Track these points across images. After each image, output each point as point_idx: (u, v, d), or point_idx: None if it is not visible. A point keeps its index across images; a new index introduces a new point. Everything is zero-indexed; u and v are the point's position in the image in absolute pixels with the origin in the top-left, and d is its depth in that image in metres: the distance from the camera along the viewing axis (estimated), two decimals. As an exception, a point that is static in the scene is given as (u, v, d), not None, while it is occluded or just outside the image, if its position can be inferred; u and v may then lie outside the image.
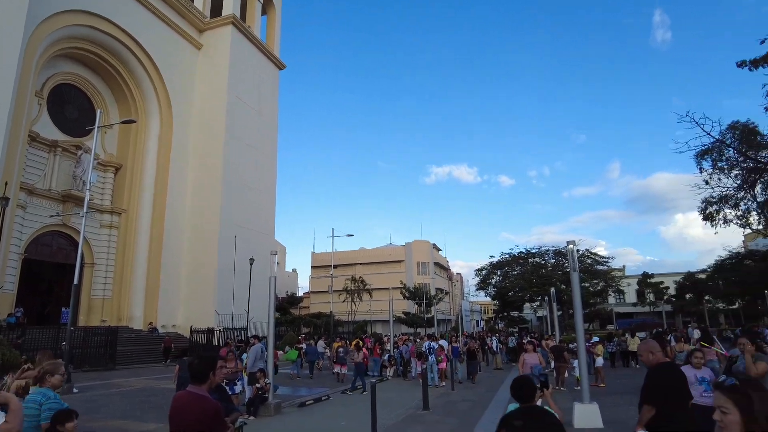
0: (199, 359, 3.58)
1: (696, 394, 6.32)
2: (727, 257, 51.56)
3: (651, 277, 63.61)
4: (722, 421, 1.89)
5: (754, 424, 1.81)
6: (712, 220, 27.33)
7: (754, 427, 1.81)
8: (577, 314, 10.71)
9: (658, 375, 4.59)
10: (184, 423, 3.34)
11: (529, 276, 52.32)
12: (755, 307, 48.59)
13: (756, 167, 22.96)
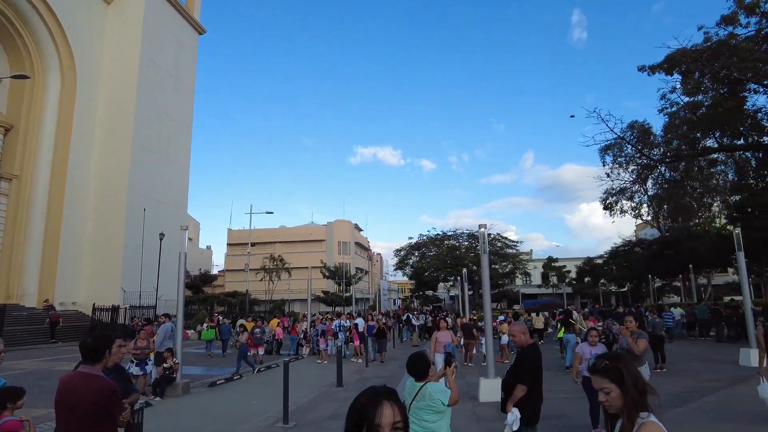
0: (93, 337, 3.36)
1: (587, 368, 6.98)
2: (620, 245, 56.61)
3: (555, 261, 68.37)
4: (607, 401, 2.09)
5: (630, 394, 2.02)
6: (611, 210, 29.85)
7: (628, 397, 2.03)
8: (486, 294, 11.29)
9: (530, 356, 4.99)
10: (76, 407, 3.09)
11: (444, 257, 54.29)
12: (641, 289, 54.02)
13: (648, 164, 25.28)
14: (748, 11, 20.00)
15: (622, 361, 2.13)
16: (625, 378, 2.05)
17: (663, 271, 43.88)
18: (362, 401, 1.60)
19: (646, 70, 22.73)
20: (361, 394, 1.65)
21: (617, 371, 2.08)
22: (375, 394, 1.61)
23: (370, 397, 1.60)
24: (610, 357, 2.20)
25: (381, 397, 1.60)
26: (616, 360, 2.15)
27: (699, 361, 15.47)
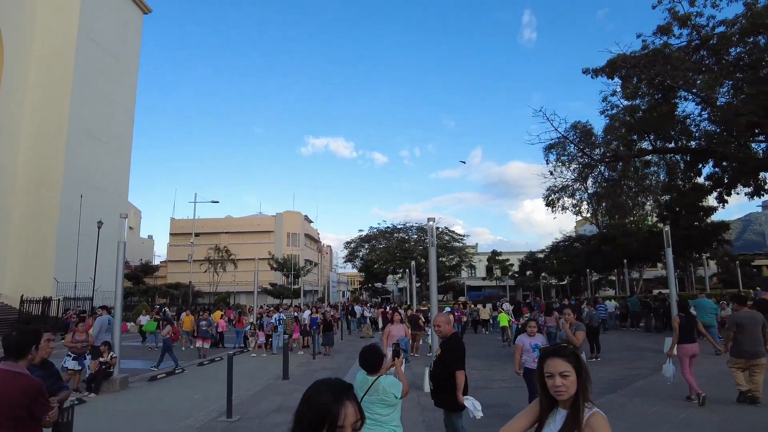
0: (19, 331, 3.15)
1: (529, 360, 7.27)
2: (561, 240, 59.09)
3: (499, 255, 70.44)
4: (563, 386, 2.07)
5: (583, 381, 2.09)
6: (553, 207, 31.07)
7: (581, 383, 2.08)
8: (433, 286, 11.48)
9: (456, 345, 5.21)
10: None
11: (394, 250, 54.74)
12: (579, 283, 56.67)
13: (589, 163, 26.44)
14: (681, 23, 21.24)
15: (577, 357, 2.15)
16: (582, 364, 2.11)
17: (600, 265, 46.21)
18: (324, 400, 1.46)
19: (590, 72, 23.67)
20: (316, 390, 1.52)
21: (576, 356, 2.12)
22: (337, 392, 1.49)
23: (333, 395, 1.48)
24: (572, 350, 2.22)
25: (343, 396, 1.49)
26: (574, 354, 2.16)
27: (630, 350, 16.44)
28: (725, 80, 20.76)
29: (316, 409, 1.45)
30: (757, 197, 23.63)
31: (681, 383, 8.64)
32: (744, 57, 20.81)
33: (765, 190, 23.19)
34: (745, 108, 18.22)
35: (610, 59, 22.63)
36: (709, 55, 21.61)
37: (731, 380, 7.96)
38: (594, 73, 23.42)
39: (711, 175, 23.62)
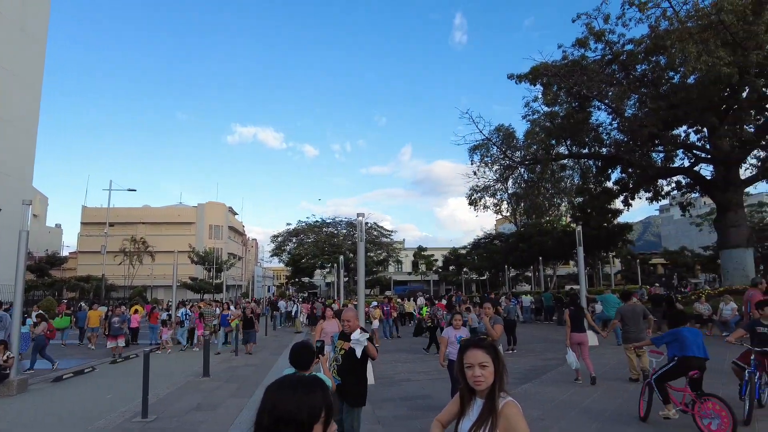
0: None
1: (454, 352, 7.55)
2: (482, 237, 61.69)
3: (424, 251, 72.25)
4: (482, 376, 2.19)
5: (500, 372, 2.22)
6: (475, 206, 32.31)
7: (498, 374, 2.22)
8: (360, 281, 11.61)
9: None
10: None
11: (322, 244, 54.43)
12: (498, 278, 59.48)
13: (510, 165, 27.80)
14: (597, 38, 22.86)
15: (495, 349, 2.28)
16: (500, 355, 2.24)
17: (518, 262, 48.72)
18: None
19: (514, 78, 24.85)
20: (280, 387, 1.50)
21: (494, 348, 2.24)
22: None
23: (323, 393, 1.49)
24: (489, 343, 2.34)
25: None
26: (491, 346, 2.29)
27: (543, 342, 17.51)
28: (632, 94, 22.61)
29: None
30: (656, 202, 26.07)
31: (587, 373, 9.40)
32: (648, 74, 22.78)
33: (662, 195, 25.60)
34: (648, 120, 19.97)
35: (533, 67, 23.89)
36: (620, 70, 23.44)
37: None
38: (518, 79, 24.60)
39: (618, 180, 25.66)
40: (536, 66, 23.67)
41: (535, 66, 23.74)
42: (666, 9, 20.80)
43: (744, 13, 17.11)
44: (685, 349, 6.40)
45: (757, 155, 22.87)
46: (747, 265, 21.35)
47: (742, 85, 18.48)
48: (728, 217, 21.33)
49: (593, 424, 6.71)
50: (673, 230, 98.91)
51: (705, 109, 19.51)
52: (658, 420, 6.69)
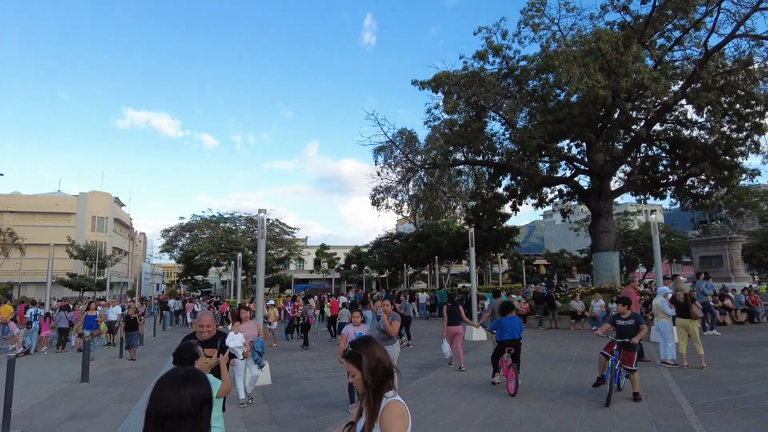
0: None
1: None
2: (383, 237, 63.08)
3: (327, 249, 72.12)
4: (353, 383, 2.34)
5: (366, 379, 2.26)
6: (378, 206, 32.86)
7: (365, 381, 2.26)
8: (260, 279, 11.35)
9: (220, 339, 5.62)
10: None
11: (219, 240, 52.19)
12: (397, 276, 61.21)
13: (412, 168, 28.70)
14: (495, 52, 24.41)
15: (366, 347, 2.34)
16: (363, 364, 2.27)
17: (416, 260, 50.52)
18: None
19: (418, 84, 25.72)
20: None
21: (358, 357, 2.29)
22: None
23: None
24: (356, 343, 2.41)
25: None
26: (360, 346, 2.36)
27: (437, 338, 18.31)
28: (524, 107, 24.47)
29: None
30: (540, 208, 28.45)
31: (479, 375, 10.06)
32: (538, 90, 24.79)
33: (546, 202, 27.99)
34: (536, 133, 21.75)
35: (435, 75, 24.90)
36: (514, 84, 25.24)
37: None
38: (421, 85, 25.50)
39: (508, 187, 27.60)
40: (439, 74, 24.70)
41: (437, 74, 24.76)
42: (555, 32, 22.81)
43: (617, 44, 19.28)
44: (503, 333, 8.71)
45: (624, 170, 25.85)
46: (614, 266, 24.09)
47: (614, 107, 20.80)
48: (600, 223, 23.89)
49: (482, 413, 7.22)
50: (554, 234, 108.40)
51: (585, 125, 21.68)
52: (529, 395, 7.38)
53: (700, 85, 19.93)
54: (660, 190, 25.28)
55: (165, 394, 1.58)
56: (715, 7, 18.93)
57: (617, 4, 21.92)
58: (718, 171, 21.78)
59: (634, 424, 6.45)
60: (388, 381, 2.29)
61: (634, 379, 7.67)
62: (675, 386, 8.48)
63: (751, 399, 7.55)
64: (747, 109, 20.65)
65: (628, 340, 7.75)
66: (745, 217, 46.91)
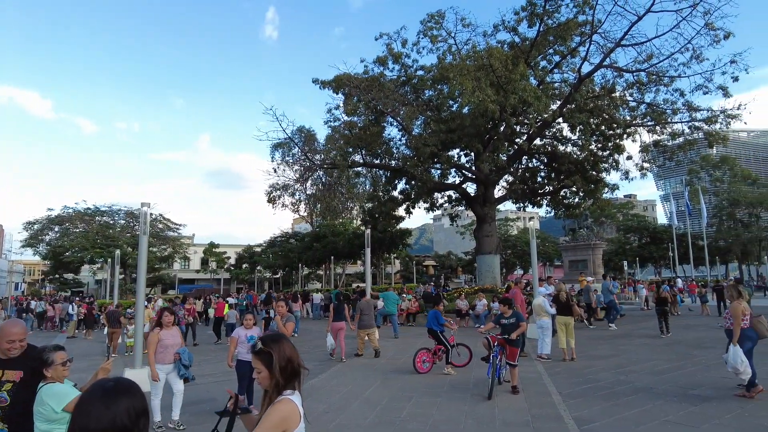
0: None
1: (243, 352, 7.46)
2: (279, 236, 61.76)
3: (217, 247, 68.87)
4: (259, 380, 2.30)
5: (274, 377, 2.24)
6: (273, 203, 32.10)
7: (273, 379, 2.24)
8: (141, 279, 10.55)
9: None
10: None
11: (94, 236, 47.50)
12: (292, 276, 60.28)
13: (310, 167, 28.48)
14: (395, 59, 25.15)
15: (277, 345, 2.30)
16: (273, 362, 2.24)
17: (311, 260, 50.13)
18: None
19: (319, 83, 25.64)
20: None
21: (268, 355, 2.26)
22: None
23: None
24: (267, 340, 2.34)
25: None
26: (271, 343, 2.30)
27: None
28: (420, 115, 25.45)
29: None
30: (431, 211, 29.77)
31: (371, 374, 10.23)
32: (433, 99, 25.95)
33: (437, 206, 29.36)
34: (430, 140, 22.75)
35: (337, 75, 25.00)
36: (411, 92, 26.16)
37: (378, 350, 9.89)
38: (322, 84, 25.47)
39: (403, 191, 28.52)
40: (340, 75, 24.84)
41: (339, 75, 24.89)
42: (452, 45, 24.03)
43: (506, 62, 20.84)
44: (427, 323, 10.72)
45: (507, 179, 27.96)
46: (495, 268, 25.95)
47: (501, 121, 22.43)
48: (484, 228, 25.60)
49: (373, 412, 7.39)
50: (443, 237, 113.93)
51: (474, 136, 23.12)
52: (419, 391, 7.73)
53: (574, 106, 22.20)
54: (538, 199, 27.75)
55: (94, 409, 1.39)
56: (588, 39, 21.25)
57: (508, 24, 23.72)
58: (586, 184, 24.42)
59: (512, 414, 7.02)
60: (293, 381, 2.28)
61: (514, 373, 8.35)
62: (547, 378, 9.37)
63: (607, 386, 8.60)
64: (610, 131, 23.42)
65: (508, 336, 8.43)
66: (605, 226, 53.16)
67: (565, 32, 21.61)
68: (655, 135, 23.46)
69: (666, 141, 23.52)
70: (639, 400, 7.57)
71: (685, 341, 13.87)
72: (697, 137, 22.78)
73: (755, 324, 7.56)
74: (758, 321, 7.61)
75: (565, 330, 11.64)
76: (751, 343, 7.49)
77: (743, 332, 7.43)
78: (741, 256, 50.42)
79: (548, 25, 22.07)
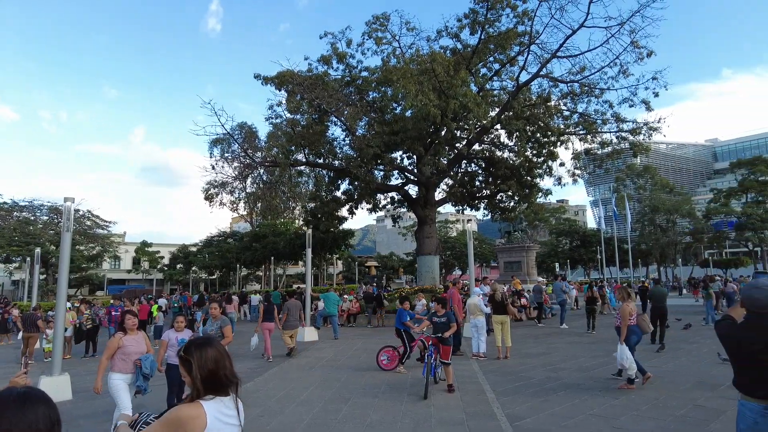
0: None
1: (172, 355, 7.11)
2: (216, 235, 59.81)
3: (150, 246, 65.71)
4: (186, 383, 2.24)
5: (194, 382, 2.17)
6: (211, 201, 31.00)
7: (194, 384, 2.17)
8: (62, 278, 9.84)
9: None
10: None
11: (11, 232, 43.96)
12: (229, 277, 58.53)
13: (250, 164, 27.74)
14: (339, 59, 25.02)
15: (199, 352, 2.20)
16: (192, 368, 2.18)
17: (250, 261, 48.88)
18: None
19: (261, 79, 25.04)
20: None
21: (188, 362, 2.20)
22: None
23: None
24: (189, 346, 2.26)
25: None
26: (193, 350, 2.22)
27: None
28: (364, 116, 25.46)
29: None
30: (374, 212, 29.85)
31: (308, 376, 10.08)
32: (377, 101, 26.04)
33: (379, 207, 29.47)
34: (374, 141, 22.81)
35: (280, 72, 24.53)
36: (356, 93, 26.12)
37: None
38: (264, 80, 24.90)
39: (346, 191, 28.41)
40: (283, 72, 24.39)
41: (282, 72, 24.44)
42: (396, 48, 24.23)
43: (449, 68, 21.27)
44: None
45: (447, 182, 28.54)
46: (435, 269, 26.41)
47: (442, 125, 22.87)
48: (425, 229, 25.99)
49: (309, 414, 7.28)
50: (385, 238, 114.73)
51: (416, 139, 23.41)
52: (357, 393, 7.71)
53: (512, 113, 23.01)
54: (476, 202, 28.53)
55: (9, 415, 1.27)
56: (526, 49, 22.08)
57: (451, 31, 24.23)
58: (521, 189, 25.36)
59: (447, 413, 7.14)
60: (217, 390, 2.19)
61: (449, 372, 8.50)
62: (482, 376, 9.62)
63: (538, 382, 8.95)
64: (545, 138, 24.47)
65: (441, 335, 8.58)
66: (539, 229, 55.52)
67: (505, 41, 22.36)
68: (586, 143, 24.75)
69: (596, 149, 24.86)
70: (567, 395, 7.94)
71: (609, 339, 14.70)
72: (624, 147, 24.24)
73: (639, 321, 8.75)
74: (642, 318, 8.88)
75: (500, 329, 12.01)
76: (636, 337, 8.57)
77: (630, 328, 8.46)
78: (660, 258, 54.20)
79: (489, 34, 22.74)
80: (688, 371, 9.57)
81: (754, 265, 51.67)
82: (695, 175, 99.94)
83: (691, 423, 6.35)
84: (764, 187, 49.03)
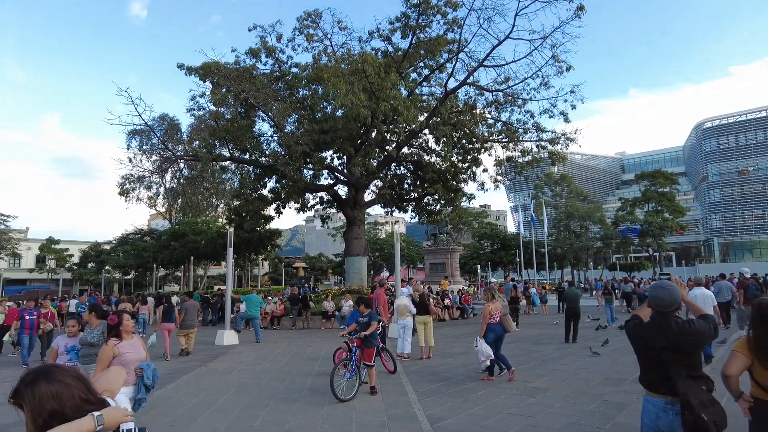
0: None
1: (61, 363, 6.39)
2: (132, 232, 56.16)
3: (57, 243, 60.51)
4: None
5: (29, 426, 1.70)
6: (127, 196, 29.05)
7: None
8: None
9: None
10: None
11: None
12: (145, 277, 55.09)
13: (170, 158, 26.30)
14: (268, 53, 24.34)
15: (32, 392, 1.71)
16: (26, 418, 1.70)
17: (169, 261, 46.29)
18: None
19: (184, 69, 23.79)
20: None
21: (21, 395, 1.71)
22: None
23: None
24: (20, 385, 1.75)
25: None
26: (24, 389, 1.72)
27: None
28: (293, 112, 24.93)
29: None
30: (303, 212, 29.33)
31: (223, 382, 9.58)
32: (308, 99, 25.60)
33: (308, 207, 29.00)
34: (303, 139, 22.38)
35: (205, 62, 23.45)
36: (285, 88, 25.52)
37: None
38: (188, 70, 23.71)
39: (273, 189, 27.67)
40: (208, 63, 23.36)
41: (207, 63, 23.39)
42: (327, 46, 23.94)
43: (379, 70, 21.33)
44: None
45: (376, 184, 28.65)
46: (363, 270, 26.37)
47: (372, 127, 22.89)
48: (353, 230, 25.90)
49: (224, 422, 6.89)
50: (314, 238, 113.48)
51: (346, 139, 23.25)
52: (276, 397, 7.43)
53: (440, 119, 23.49)
54: (404, 205, 28.88)
55: None
56: (455, 56, 22.63)
57: (383, 33, 24.34)
58: (447, 193, 25.97)
59: (368, 416, 7.03)
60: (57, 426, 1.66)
61: (371, 374, 8.41)
62: (405, 377, 9.62)
63: (459, 382, 9.09)
64: (470, 145, 25.21)
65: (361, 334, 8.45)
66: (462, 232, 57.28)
67: (435, 47, 22.79)
68: (508, 151, 25.79)
69: (517, 157, 25.99)
70: (487, 395, 8.10)
71: (527, 338, 15.34)
72: (543, 156, 25.52)
73: (503, 321, 9.37)
74: (505, 318, 9.46)
75: (423, 329, 12.13)
76: (493, 335, 9.18)
77: (490, 326, 9.18)
78: (574, 262, 57.77)
79: (420, 39, 23.08)
80: (597, 369, 10.14)
81: (653, 269, 56.50)
82: (605, 184, 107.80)
83: (599, 417, 6.68)
84: (662, 197, 53.78)
